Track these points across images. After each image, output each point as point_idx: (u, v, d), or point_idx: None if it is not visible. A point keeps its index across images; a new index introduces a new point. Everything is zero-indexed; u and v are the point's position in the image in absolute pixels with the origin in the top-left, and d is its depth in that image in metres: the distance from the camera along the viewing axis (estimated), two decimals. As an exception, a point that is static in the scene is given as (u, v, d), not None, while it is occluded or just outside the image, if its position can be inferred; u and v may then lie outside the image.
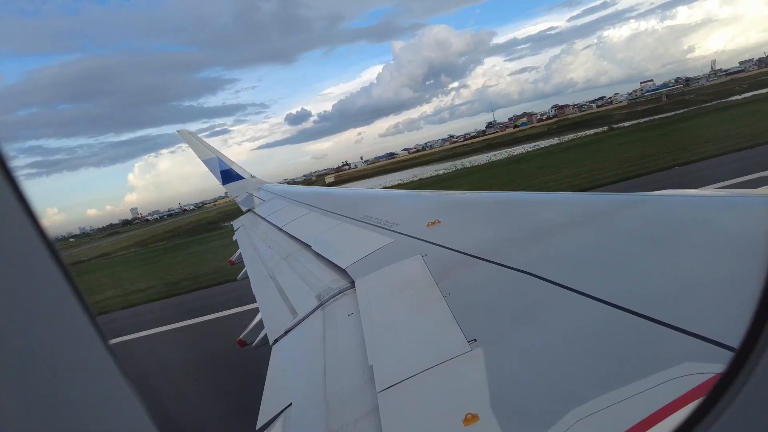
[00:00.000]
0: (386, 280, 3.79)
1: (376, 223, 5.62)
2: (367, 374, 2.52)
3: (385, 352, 2.68)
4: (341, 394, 2.55)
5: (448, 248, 3.91)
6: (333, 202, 8.89)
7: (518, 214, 4.62)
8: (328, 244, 5.86)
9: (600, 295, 2.35)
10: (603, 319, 2.18)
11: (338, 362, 2.94)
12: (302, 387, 2.93)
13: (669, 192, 4.12)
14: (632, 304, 2.17)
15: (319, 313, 3.88)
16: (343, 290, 4.06)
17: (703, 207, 3.53)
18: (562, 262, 3.00)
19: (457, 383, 2.16)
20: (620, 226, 3.41)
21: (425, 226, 4.70)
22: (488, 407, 1.86)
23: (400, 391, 2.23)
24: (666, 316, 1.99)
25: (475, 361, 2.22)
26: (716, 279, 2.22)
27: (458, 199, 6.46)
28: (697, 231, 3.01)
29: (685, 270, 2.48)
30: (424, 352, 2.47)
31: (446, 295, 3.00)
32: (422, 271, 3.59)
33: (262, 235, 8.81)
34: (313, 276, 4.97)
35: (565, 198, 5.22)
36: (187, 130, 17.58)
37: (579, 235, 3.39)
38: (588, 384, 1.77)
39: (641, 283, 2.47)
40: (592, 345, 2.07)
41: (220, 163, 16.42)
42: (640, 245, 2.93)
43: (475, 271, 3.33)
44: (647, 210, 3.70)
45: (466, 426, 1.81)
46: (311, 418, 2.50)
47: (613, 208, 3.83)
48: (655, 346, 1.87)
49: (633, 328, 2.02)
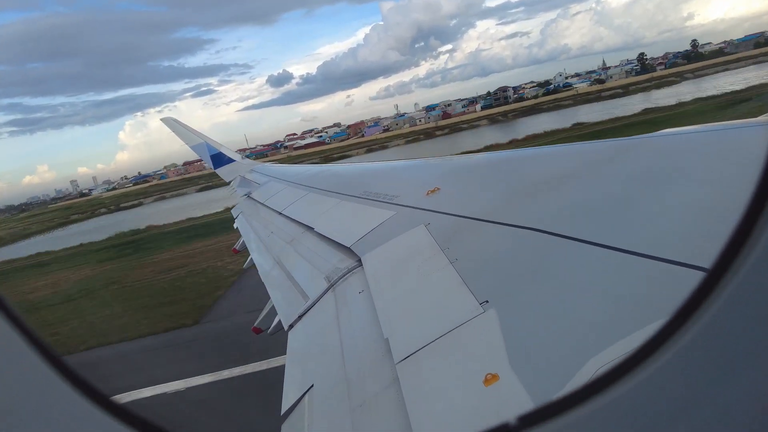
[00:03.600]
0: (392, 254, 3.79)
1: (375, 197, 5.60)
2: (384, 347, 2.54)
3: (399, 324, 2.70)
4: (360, 370, 2.58)
5: (450, 214, 3.90)
6: (330, 180, 8.83)
7: (517, 172, 4.59)
8: (330, 224, 5.85)
9: (607, 241, 2.34)
10: (613, 265, 2.18)
11: (354, 339, 2.97)
12: (322, 368, 2.97)
13: (666, 131, 4.08)
14: (640, 246, 2.16)
15: (330, 295, 3.90)
16: (351, 269, 4.07)
17: (700, 142, 3.49)
18: (565, 214, 2.99)
19: (473, 346, 2.18)
20: (619, 170, 3.39)
21: (425, 195, 4.68)
22: (507, 365, 1.87)
23: (417, 361, 2.25)
24: (675, 254, 1.98)
25: (489, 322, 2.24)
26: (724, 211, 2.21)
27: (455, 163, 6.40)
28: (697, 166, 2.99)
29: (690, 206, 2.46)
30: (437, 319, 2.49)
31: (453, 261, 3.00)
32: (427, 240, 3.59)
33: (263, 221, 8.80)
34: (319, 258, 4.98)
35: (561, 149, 5.16)
36: (171, 118, 17.07)
37: (579, 184, 3.36)
38: (604, 331, 1.78)
39: (647, 224, 2.46)
40: (604, 292, 2.08)
41: (208, 148, 15.98)
42: (641, 187, 2.91)
43: (479, 234, 3.32)
44: (645, 152, 3.67)
45: (487, 386, 1.83)
46: (334, 396, 2.54)
47: (610, 154, 3.80)
48: (669, 286, 1.86)
49: (644, 271, 2.02)
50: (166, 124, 16.82)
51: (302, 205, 7.74)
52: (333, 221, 5.92)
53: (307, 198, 8.00)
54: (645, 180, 3.01)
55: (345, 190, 6.90)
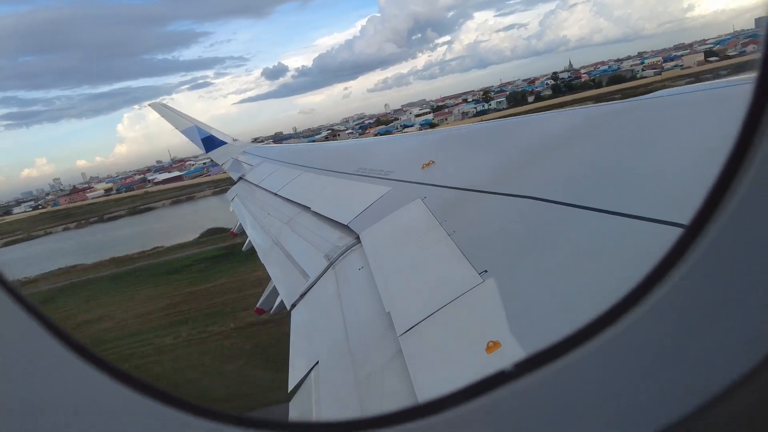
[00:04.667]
0: (390, 229, 3.81)
1: (370, 173, 5.58)
2: (386, 321, 2.58)
3: (400, 298, 2.73)
4: (364, 345, 2.63)
5: (446, 187, 3.90)
6: (324, 158, 8.77)
7: (511, 140, 4.57)
8: (326, 202, 5.84)
9: (603, 206, 2.35)
10: (610, 229, 2.19)
11: (356, 315, 3.01)
12: (326, 344, 3.01)
13: (663, 92, 4.05)
14: (638, 209, 2.17)
15: (331, 273, 3.93)
16: (349, 246, 4.09)
17: (693, 101, 3.47)
18: (562, 181, 2.99)
19: (474, 315, 2.21)
20: (615, 134, 3.37)
21: (420, 168, 4.66)
22: (508, 332, 1.90)
23: (419, 332, 2.29)
24: (673, 215, 1.99)
25: (488, 291, 2.27)
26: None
27: (449, 135, 6.36)
28: (691, 125, 2.98)
29: (686, 166, 2.46)
30: (437, 291, 2.52)
31: (451, 233, 3.02)
32: (424, 214, 3.60)
33: (259, 203, 8.79)
34: (317, 236, 5.00)
35: (556, 116, 5.13)
36: (159, 103, 16.75)
37: (573, 150, 3.36)
38: (604, 295, 1.80)
39: (642, 187, 2.46)
40: (602, 256, 2.10)
41: (199, 132, 15.71)
42: (634, 150, 2.91)
43: (476, 205, 3.33)
44: (641, 114, 3.65)
45: (489, 354, 1.86)
46: (339, 371, 2.59)
47: (605, 118, 3.78)
48: (666, 247, 1.88)
49: (642, 233, 2.03)
50: (155, 109, 16.55)
51: (297, 185, 7.71)
52: (329, 200, 5.91)
53: (302, 177, 7.97)
54: (638, 142, 3.00)
55: (339, 168, 6.86)
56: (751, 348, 0.76)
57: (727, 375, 0.76)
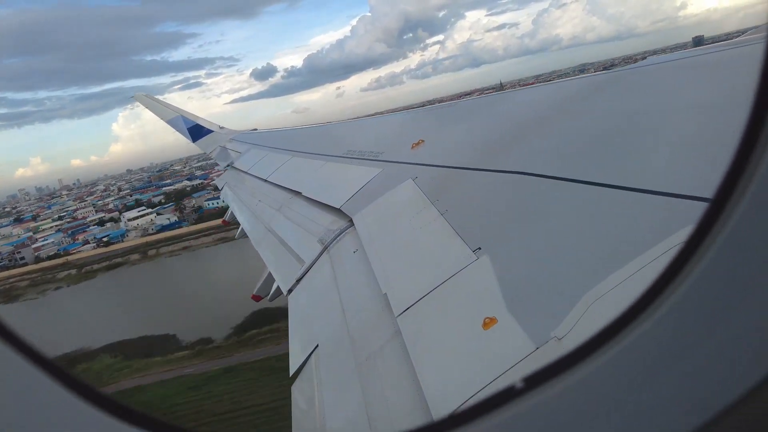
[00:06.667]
0: (383, 211, 3.80)
1: (360, 155, 5.54)
2: (383, 302, 2.60)
3: (396, 279, 2.75)
4: (363, 326, 2.65)
5: (437, 166, 3.89)
6: (312, 141, 8.68)
7: (500, 116, 4.55)
8: (317, 186, 5.82)
9: (593, 178, 2.36)
10: (600, 201, 2.20)
11: (353, 297, 3.03)
12: (324, 328, 3.04)
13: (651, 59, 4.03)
14: (626, 180, 2.18)
15: (326, 257, 3.93)
16: (343, 230, 4.09)
17: (688, 66, 3.46)
18: (552, 155, 2.99)
19: (469, 292, 2.23)
20: (604, 104, 3.37)
21: (410, 148, 4.64)
22: (504, 308, 1.93)
23: (416, 312, 2.31)
24: (661, 184, 2.00)
25: (483, 268, 2.29)
26: (706, 137, 2.22)
27: (437, 114, 6.32)
28: (679, 93, 2.98)
29: (673, 135, 2.47)
30: (432, 270, 2.54)
31: (444, 212, 3.03)
32: (416, 194, 3.59)
33: (249, 190, 8.72)
34: (310, 221, 4.99)
35: (546, 89, 5.10)
36: (142, 94, 16.42)
37: (561, 123, 3.35)
38: (597, 267, 1.82)
39: (631, 157, 2.47)
40: (594, 229, 2.12)
41: (185, 121, 15.39)
42: (622, 121, 2.91)
43: (467, 183, 3.33)
44: (629, 83, 3.64)
45: (486, 330, 1.89)
46: (339, 354, 2.62)
47: (593, 89, 3.76)
48: (656, 216, 1.90)
49: (632, 204, 2.05)
50: (139, 100, 16.27)
51: (287, 171, 7.65)
52: (320, 184, 5.88)
53: (291, 162, 7.90)
54: (626, 113, 3.00)
55: (328, 151, 6.81)
56: (759, 360, 0.75)
57: (734, 388, 0.75)
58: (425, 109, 6.91)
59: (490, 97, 6.09)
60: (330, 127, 10.27)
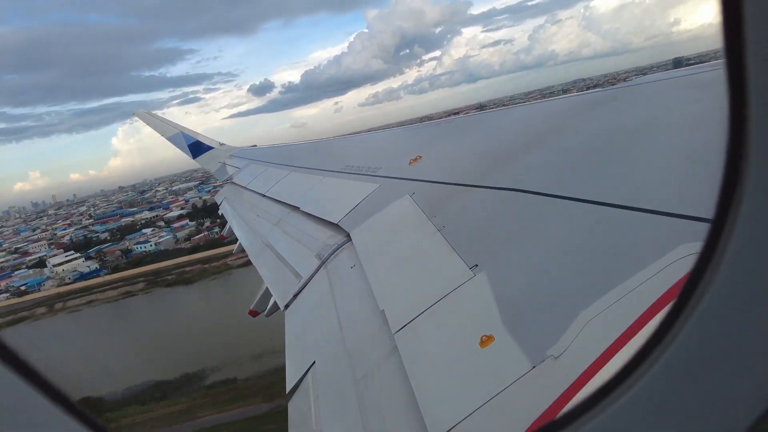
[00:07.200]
0: (380, 227, 3.81)
1: (358, 171, 5.57)
2: (380, 319, 2.59)
3: (393, 295, 2.75)
4: (360, 343, 2.64)
5: (434, 182, 3.91)
6: (311, 156, 8.73)
7: (497, 133, 4.59)
8: (315, 201, 5.83)
9: (589, 196, 2.38)
10: (597, 219, 2.22)
11: (351, 314, 3.02)
12: (322, 344, 3.02)
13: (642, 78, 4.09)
14: (619, 198, 2.21)
15: (323, 272, 3.93)
16: (341, 245, 4.09)
17: (672, 87, 3.52)
18: (547, 172, 3.02)
19: (467, 310, 2.23)
20: (596, 123, 3.41)
21: (407, 164, 4.67)
22: (501, 326, 1.93)
23: (414, 329, 2.31)
24: (653, 203, 2.03)
25: (480, 285, 2.29)
26: (697, 156, 2.25)
27: (435, 130, 6.37)
28: (670, 112, 3.02)
29: (665, 154, 2.51)
30: (429, 286, 2.54)
31: (441, 228, 3.04)
32: (413, 210, 3.61)
33: (248, 205, 8.72)
34: (308, 236, 4.99)
35: (540, 107, 5.16)
36: (143, 111, 16.57)
37: (559, 141, 3.39)
38: (592, 285, 1.83)
39: (623, 176, 2.50)
40: (588, 247, 2.13)
41: (185, 138, 15.52)
42: (615, 139, 2.95)
43: (464, 199, 3.35)
44: (619, 102, 3.69)
45: (483, 348, 1.89)
46: (337, 370, 2.60)
47: (586, 108, 3.82)
48: (650, 235, 1.92)
49: (625, 222, 2.07)
50: (140, 117, 16.36)
51: (285, 186, 7.68)
52: (318, 199, 5.90)
53: (290, 178, 7.93)
54: (619, 131, 3.04)
55: (326, 166, 6.84)
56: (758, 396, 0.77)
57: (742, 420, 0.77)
58: (422, 125, 6.97)
59: (487, 113, 6.15)
60: (328, 142, 10.34)
